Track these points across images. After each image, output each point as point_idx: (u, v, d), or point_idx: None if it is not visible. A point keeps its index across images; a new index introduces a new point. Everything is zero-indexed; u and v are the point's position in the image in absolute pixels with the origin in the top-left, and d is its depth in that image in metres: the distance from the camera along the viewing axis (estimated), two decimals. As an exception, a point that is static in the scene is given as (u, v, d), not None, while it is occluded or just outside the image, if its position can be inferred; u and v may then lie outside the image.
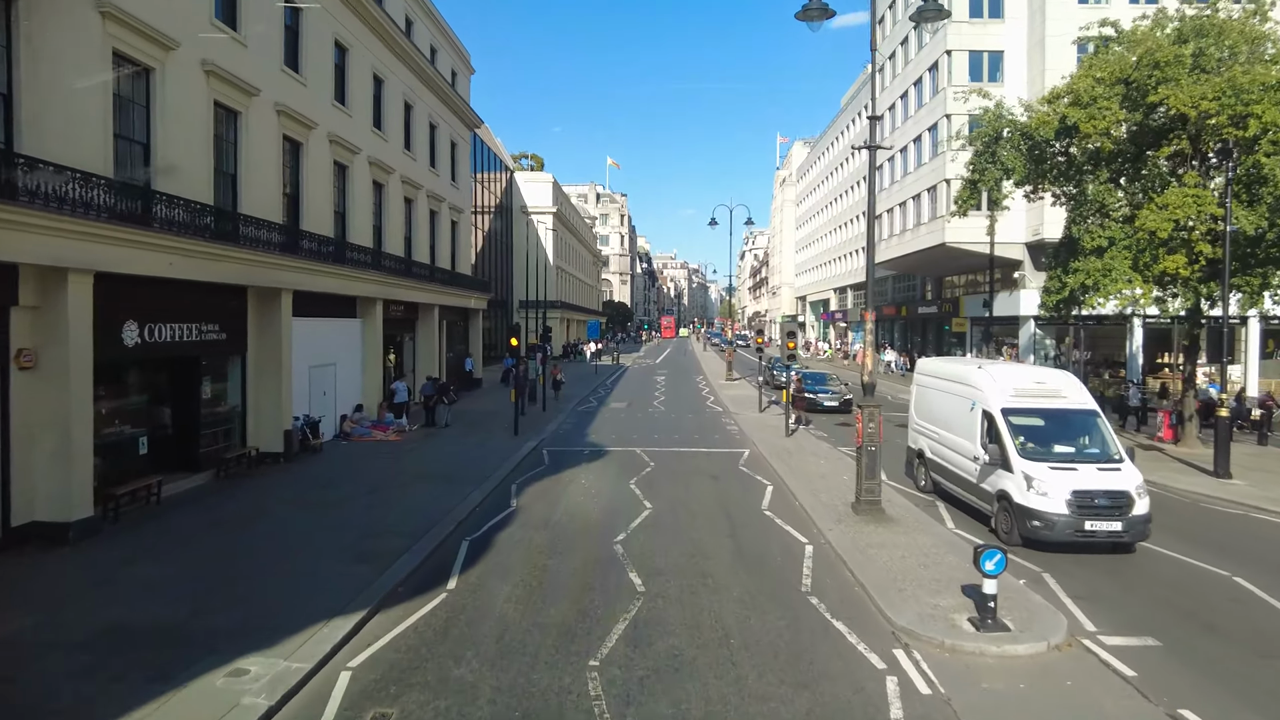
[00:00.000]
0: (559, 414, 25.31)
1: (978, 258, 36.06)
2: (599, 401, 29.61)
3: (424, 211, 26.71)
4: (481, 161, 47.93)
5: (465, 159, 32.45)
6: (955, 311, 42.03)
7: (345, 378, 20.34)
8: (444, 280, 28.18)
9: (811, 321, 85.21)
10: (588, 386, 35.22)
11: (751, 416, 25.05)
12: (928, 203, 37.73)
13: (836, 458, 17.76)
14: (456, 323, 31.20)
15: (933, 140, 37.31)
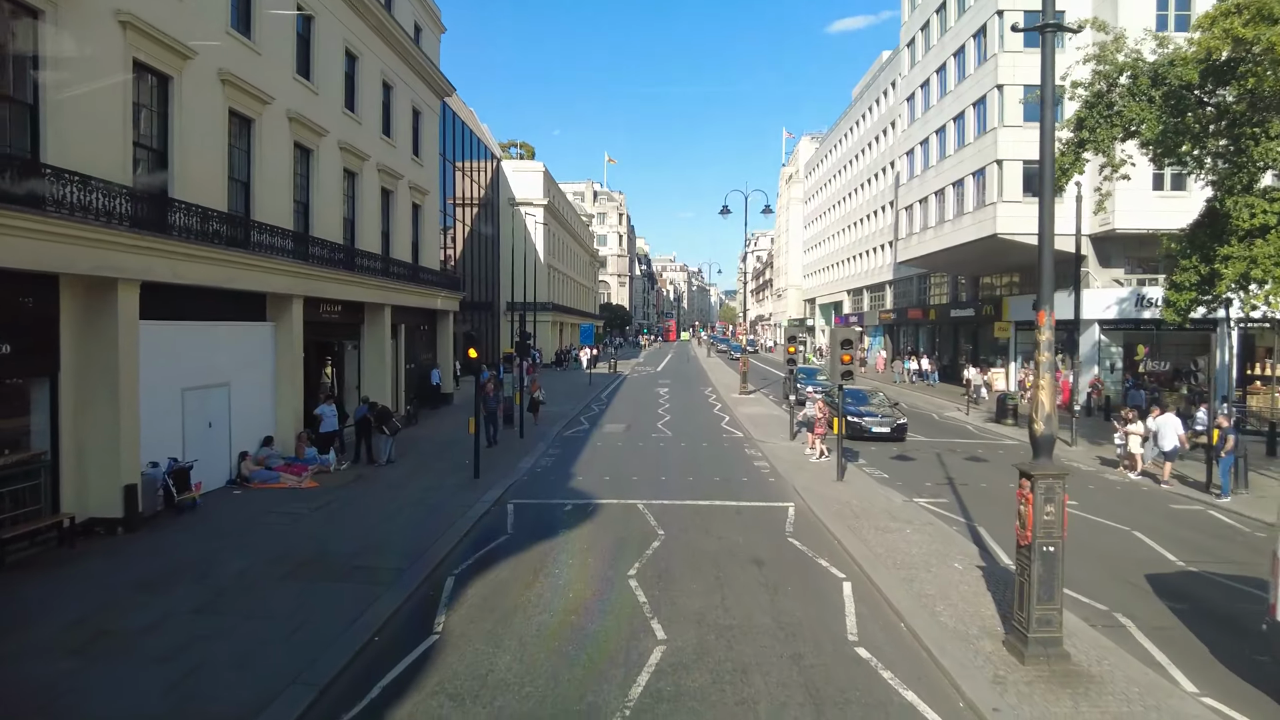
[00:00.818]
0: (539, 442, 20.12)
1: (1034, 252, 30.96)
2: (591, 423, 24.40)
3: (372, 189, 21.54)
4: (464, 147, 42.81)
5: (432, 132, 27.30)
6: (997, 314, 36.93)
7: (246, 402, 15.14)
8: (402, 275, 23.01)
9: (821, 325, 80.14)
10: (579, 402, 30.02)
11: (781, 446, 19.88)
12: (973, 189, 32.65)
13: (925, 521, 12.52)
14: (421, 327, 26.03)
15: (979, 117, 32.25)
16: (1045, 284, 7.58)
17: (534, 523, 12.46)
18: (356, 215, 20.67)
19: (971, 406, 29.31)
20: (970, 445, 21.21)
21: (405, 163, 24.05)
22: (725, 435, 22.08)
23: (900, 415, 21.60)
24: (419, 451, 18.56)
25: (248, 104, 15.06)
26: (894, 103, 52.78)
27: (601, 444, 20.34)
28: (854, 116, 65.77)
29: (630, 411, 27.71)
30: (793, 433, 20.85)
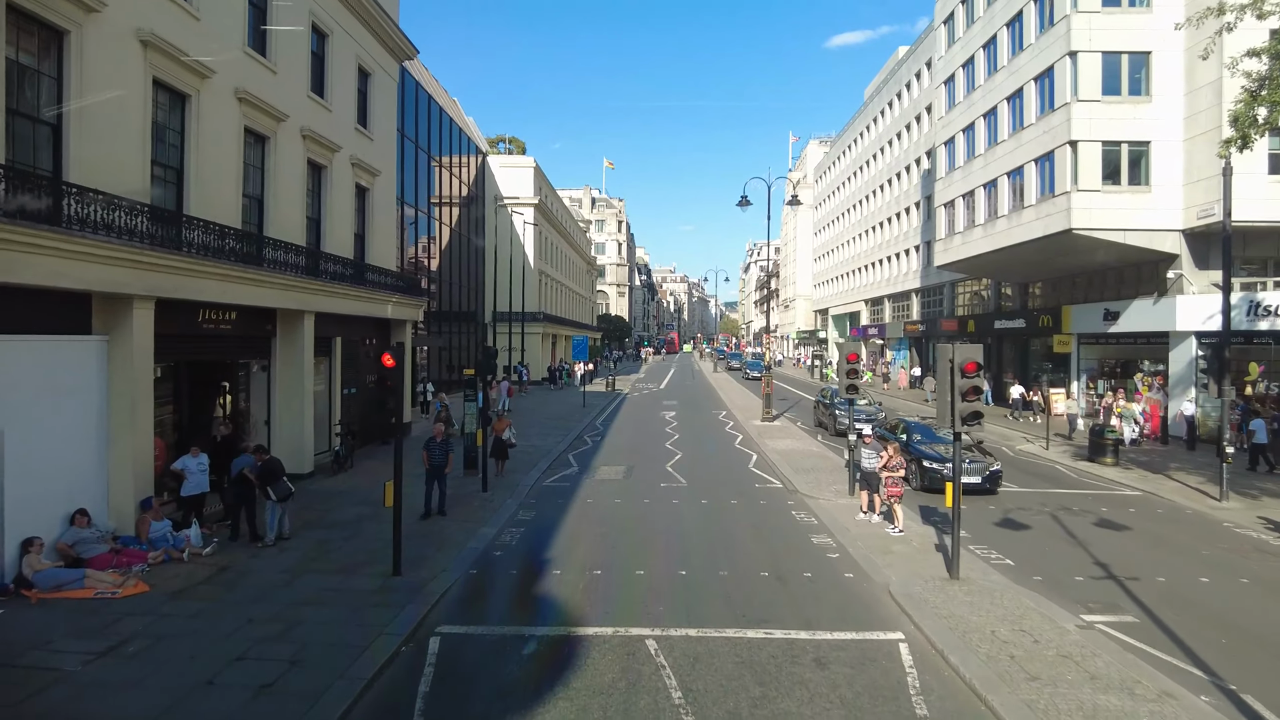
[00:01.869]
0: (507, 499, 14.79)
1: (1114, 250, 25.90)
2: (581, 464, 19.07)
3: (292, 160, 16.36)
4: (446, 140, 37.76)
5: (388, 103, 22.14)
6: (1055, 326, 31.74)
7: (45, 456, 9.84)
8: (338, 274, 17.79)
9: (835, 338, 74.97)
10: (569, 431, 24.69)
11: (841, 506, 14.55)
12: (1036, 179, 27.52)
13: (1153, 689, 7.14)
14: (367, 342, 20.74)
15: (1042, 93, 27.17)
16: None
17: (468, 687, 7.14)
18: (267, 193, 15.46)
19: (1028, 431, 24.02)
20: (1081, 499, 15.92)
21: (346, 132, 18.87)
22: (758, 485, 16.72)
23: (992, 459, 16.28)
24: (333, 519, 13.22)
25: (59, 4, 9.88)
26: (919, 94, 47.92)
27: (593, 501, 14.99)
28: (869, 116, 61.04)
29: (631, 445, 22.37)
30: (852, 484, 15.53)
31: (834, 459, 19.69)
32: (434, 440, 13.36)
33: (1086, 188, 24.73)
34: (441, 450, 13.26)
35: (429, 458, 13.26)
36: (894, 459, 12.80)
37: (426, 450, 13.28)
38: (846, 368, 14.74)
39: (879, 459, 13.52)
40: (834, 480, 16.91)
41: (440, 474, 13.30)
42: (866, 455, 13.57)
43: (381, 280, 20.46)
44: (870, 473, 13.53)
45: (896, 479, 12.68)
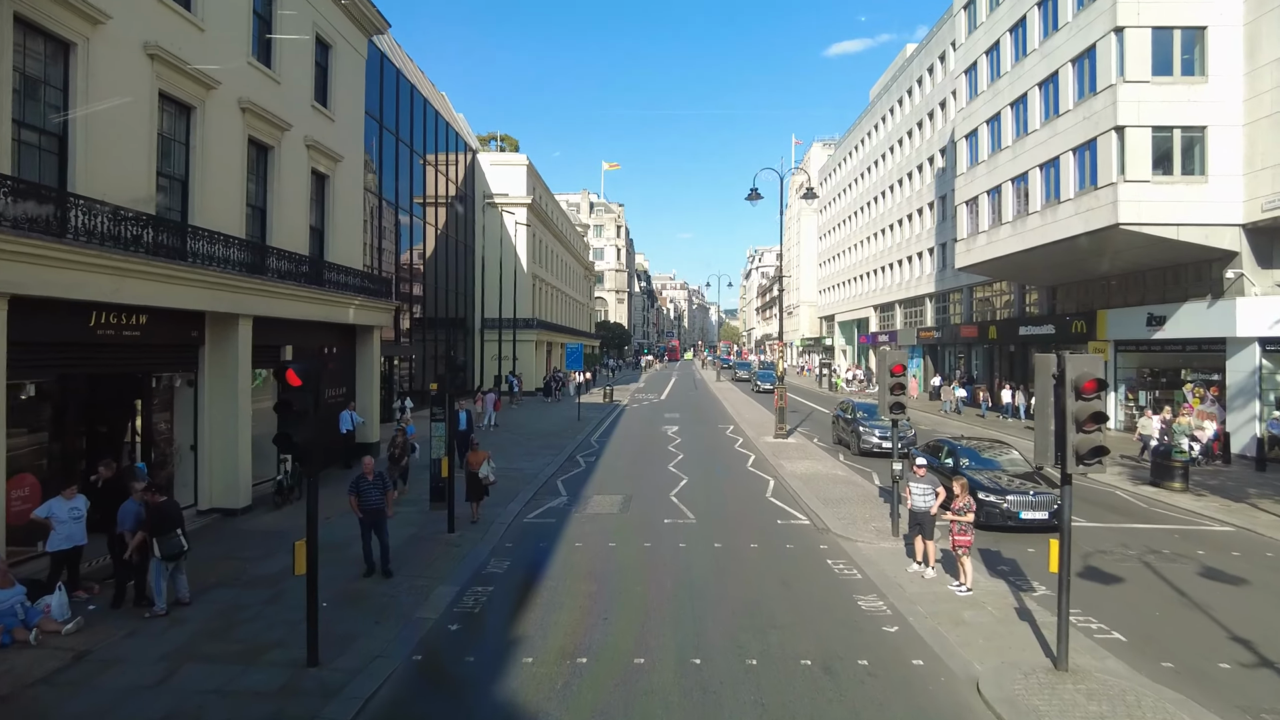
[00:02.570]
0: (476, 545, 12.10)
1: (1163, 248, 23.34)
2: (571, 493, 16.43)
3: (227, 135, 13.81)
4: (431, 134, 35.30)
5: (354, 81, 19.63)
6: (1089, 332, 29.19)
7: None
8: (286, 272, 15.21)
9: (841, 345, 72.44)
10: (560, 450, 22.05)
11: (887, 553, 11.93)
12: (1074, 170, 25.00)
13: None
14: (326, 350, 18.15)
15: (1080, 76, 24.69)
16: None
17: None
18: (193, 173, 12.90)
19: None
20: (1166, 537, 13.29)
21: (299, 109, 16.33)
22: (780, 520, 14.06)
23: (1057, 496, 13.64)
24: (255, 572, 10.59)
25: None
26: (932, 89, 45.55)
27: (583, 544, 12.32)
28: (876, 115, 58.75)
29: (629, 467, 19.74)
30: (897, 522, 12.88)
31: (864, 485, 17.06)
32: (363, 479, 10.63)
33: (1135, 178, 22.20)
34: (377, 490, 10.57)
35: (359, 502, 10.53)
36: (961, 499, 10.17)
37: (356, 492, 10.57)
38: (890, 381, 12.11)
39: (935, 497, 10.90)
40: (869, 514, 14.28)
41: (379, 521, 10.57)
42: (919, 492, 10.94)
43: (345, 280, 17.88)
44: (924, 514, 10.90)
45: (965, 525, 10.04)
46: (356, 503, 10.49)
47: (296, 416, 7.45)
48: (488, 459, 13.52)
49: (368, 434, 19.50)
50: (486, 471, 13.35)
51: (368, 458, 11.08)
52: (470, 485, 13.37)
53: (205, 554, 11.40)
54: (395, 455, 15.16)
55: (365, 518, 10.47)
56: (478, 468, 13.34)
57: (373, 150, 27.66)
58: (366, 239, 26.70)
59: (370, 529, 10.45)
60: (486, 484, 13.37)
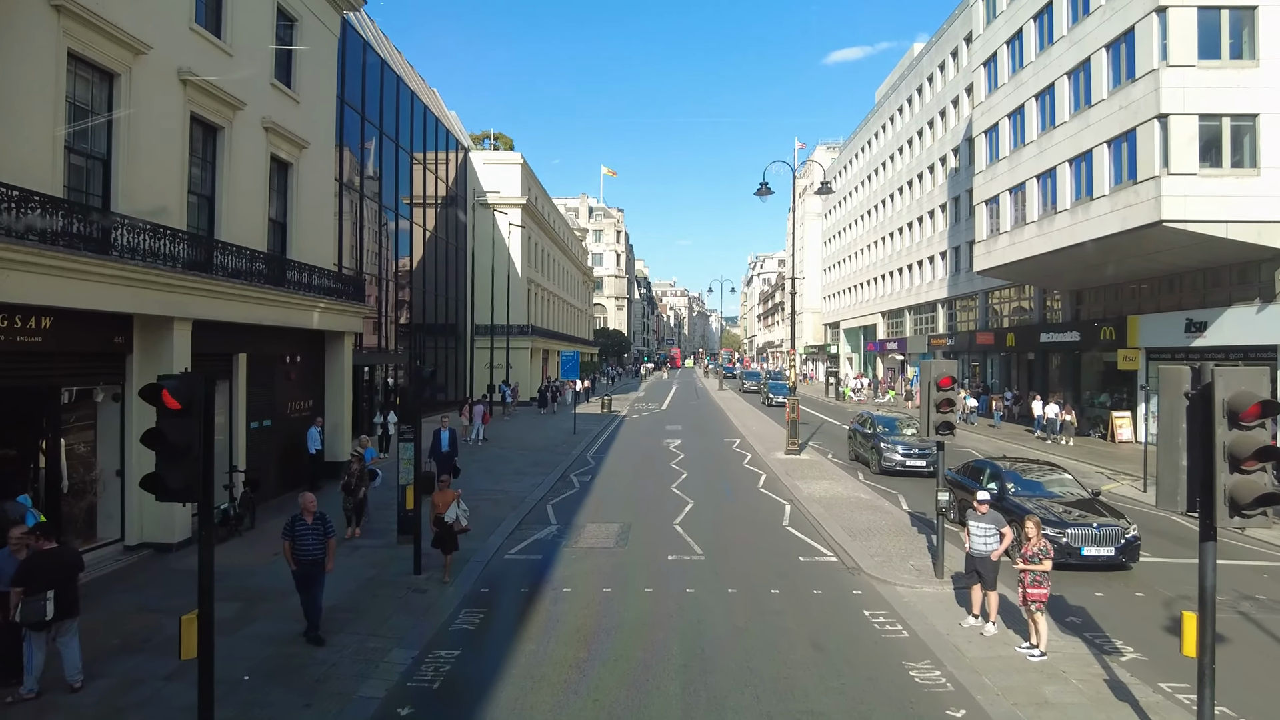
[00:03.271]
0: (444, 592, 10.12)
1: (1208, 247, 21.47)
2: (561, 523, 14.47)
3: (163, 111, 11.98)
4: (420, 130, 33.52)
5: (323, 61, 17.80)
6: (1119, 339, 27.32)
7: None
8: (238, 270, 13.33)
9: (847, 353, 70.56)
10: (552, 469, 20.13)
11: (937, 603, 9.99)
12: (1109, 164, 23.18)
13: None
14: (288, 359, 16.25)
15: (1116, 62, 22.90)
16: None
17: None
18: (117, 152, 11.02)
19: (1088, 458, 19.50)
20: (1254, 578, 11.39)
21: (255, 87, 14.49)
22: (802, 557, 12.09)
23: (1124, 521, 11.69)
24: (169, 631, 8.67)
25: None
26: (944, 87, 43.84)
27: (571, 590, 10.36)
28: (882, 117, 57.12)
29: (628, 489, 17.81)
30: (939, 560, 10.94)
31: (892, 512, 15.13)
32: (300, 521, 8.56)
33: (1180, 171, 20.37)
34: (315, 536, 8.54)
35: (293, 551, 8.46)
36: (1035, 542, 8.24)
37: (290, 537, 8.50)
38: (937, 396, 10.19)
39: (1000, 539, 8.98)
40: (904, 548, 12.35)
41: (313, 576, 8.50)
42: (980, 533, 9.02)
43: (311, 281, 16.00)
44: (984, 559, 8.98)
45: (1042, 576, 8.12)
46: (290, 550, 8.49)
47: (175, 453, 5.53)
48: (458, 500, 10.58)
49: (337, 452, 17.58)
50: (456, 515, 10.46)
51: (307, 494, 9.06)
52: (438, 533, 10.57)
53: (120, 604, 9.52)
54: (350, 485, 12.90)
55: (299, 570, 8.46)
56: (444, 510, 10.45)
57: (353, 143, 25.83)
58: (350, 239, 24.88)
59: (304, 584, 8.46)
60: (458, 531, 10.59)
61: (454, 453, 16.06)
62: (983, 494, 9.29)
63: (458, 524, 10.47)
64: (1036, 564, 8.13)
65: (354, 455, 13.85)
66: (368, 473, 13.59)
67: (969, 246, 40.97)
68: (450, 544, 10.43)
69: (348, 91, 25.09)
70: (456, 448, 16.27)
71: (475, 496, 15.79)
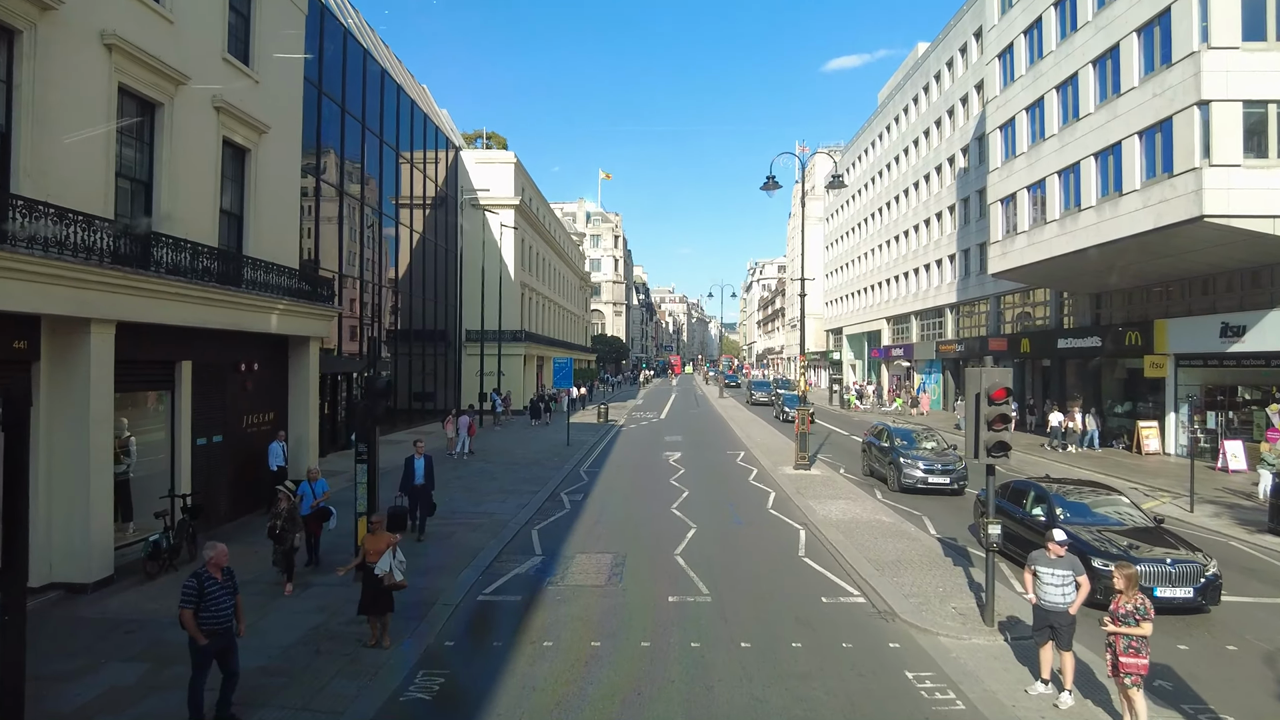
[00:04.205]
0: (401, 645, 8.38)
1: (1251, 245, 19.89)
2: (548, 553, 12.75)
3: (85, 80, 10.37)
4: (407, 127, 32.00)
5: (289, 37, 16.16)
6: (1145, 344, 25.75)
7: None
8: (179, 266, 11.68)
9: (850, 359, 68.95)
10: (542, 487, 18.43)
11: (989, 659, 8.28)
12: (1141, 156, 21.63)
13: None
14: (245, 368, 14.57)
15: (1148, 48, 21.38)
16: None
17: None
18: (18, 123, 9.39)
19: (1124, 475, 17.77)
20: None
21: (203, 61, 12.88)
22: (825, 598, 10.37)
23: (1200, 554, 10.01)
24: (45, 708, 6.97)
25: None
26: (952, 84, 42.39)
27: (553, 644, 8.64)
28: (886, 118, 55.77)
29: (623, 511, 16.12)
30: (984, 605, 9.26)
31: (919, 538, 13.45)
32: (209, 580, 6.64)
33: (1223, 162, 18.82)
34: (227, 597, 6.69)
35: (196, 617, 6.46)
36: (1129, 596, 6.58)
37: (193, 602, 6.47)
38: (991, 411, 8.52)
39: (1076, 588, 7.33)
40: (941, 584, 10.67)
41: (227, 645, 6.69)
42: (1055, 581, 7.36)
43: (271, 280, 14.35)
44: (1060, 614, 7.32)
45: (1139, 641, 6.45)
46: (193, 620, 6.45)
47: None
48: (393, 547, 8.38)
49: (302, 468, 15.85)
50: (390, 566, 8.20)
51: (218, 546, 6.82)
52: (367, 590, 8.31)
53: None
54: (278, 531, 10.12)
55: (211, 644, 6.51)
56: (376, 559, 8.27)
57: (331, 136, 24.27)
58: (329, 238, 23.26)
59: (210, 658, 6.58)
60: (393, 587, 8.30)
61: (430, 485, 13.43)
62: (1059, 533, 7.62)
63: (389, 578, 8.20)
64: (1132, 626, 6.47)
65: (282, 493, 10.56)
66: (322, 510, 11.46)
67: (979, 249, 39.46)
68: (383, 604, 8.31)
69: (327, 82, 23.53)
70: (433, 479, 13.57)
71: (451, 521, 14.13)
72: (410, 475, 13.28)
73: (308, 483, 11.47)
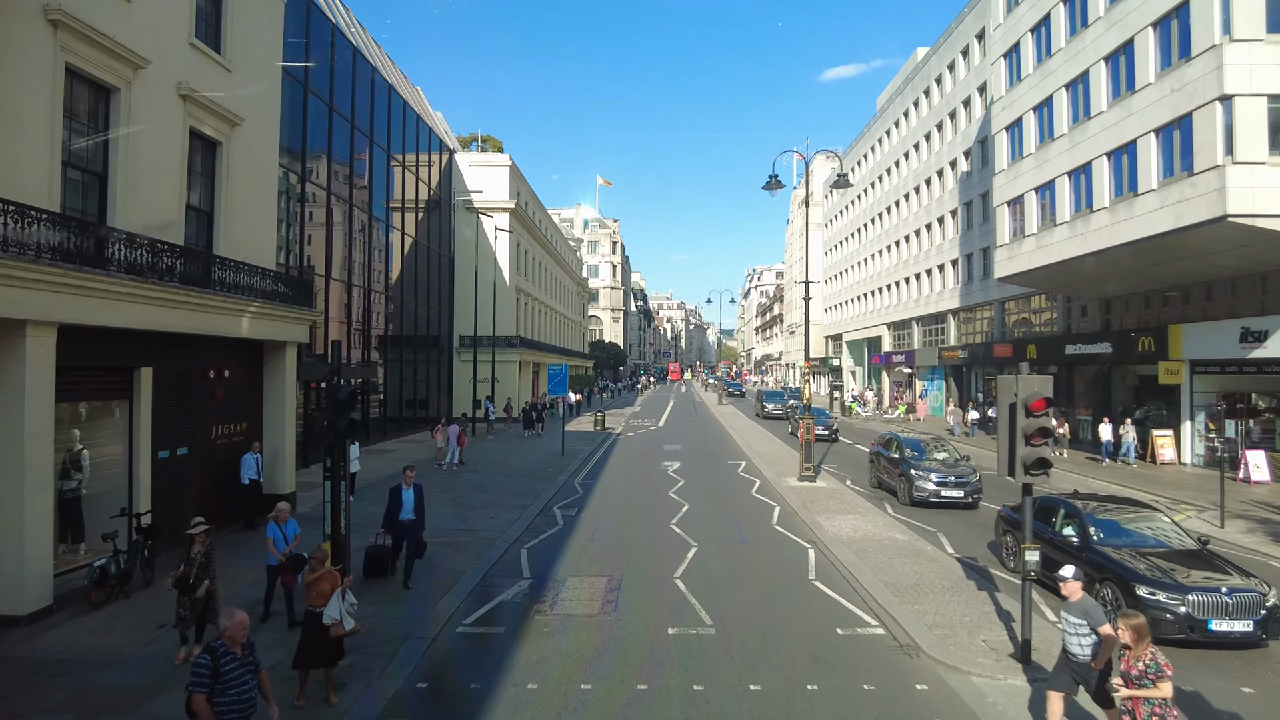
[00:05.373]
0: (359, 703, 7.38)
1: (1272, 248, 19.07)
2: (537, 577, 11.73)
3: (27, 59, 9.44)
4: (400, 129, 31.16)
5: (266, 26, 15.27)
6: (1159, 350, 24.89)
7: None
8: (138, 265, 10.74)
9: (850, 366, 68.08)
10: (534, 500, 17.44)
11: (1028, 705, 7.35)
12: (1158, 155, 20.81)
13: None
14: (214, 374, 13.60)
15: (1165, 40, 20.59)
16: None
17: None
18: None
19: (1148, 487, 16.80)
20: None
21: (166, 44, 11.97)
22: (844, 633, 9.39)
23: (1256, 582, 9.07)
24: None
25: None
26: (953, 88, 41.66)
27: (539, 689, 7.57)
28: (886, 123, 55.08)
29: (619, 528, 15.14)
30: (1019, 640, 8.30)
31: (937, 558, 12.49)
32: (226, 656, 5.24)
33: (1247, 159, 17.99)
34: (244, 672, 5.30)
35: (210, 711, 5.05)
36: (1140, 652, 5.48)
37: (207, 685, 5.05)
38: (1029, 424, 7.57)
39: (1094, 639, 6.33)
40: (965, 611, 9.71)
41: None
42: (1066, 628, 6.42)
43: (244, 281, 13.40)
44: (1081, 667, 6.36)
45: (1162, 707, 5.41)
46: (208, 708, 5.06)
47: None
48: (341, 590, 7.09)
49: (279, 482, 14.92)
50: (339, 614, 6.95)
51: (237, 615, 5.42)
52: (308, 640, 7.04)
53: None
54: (184, 579, 8.03)
55: None
56: (323, 605, 7.03)
57: (318, 134, 23.37)
58: (316, 240, 22.34)
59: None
60: (336, 634, 7.00)
61: (421, 523, 11.17)
62: (1068, 569, 6.60)
63: (338, 628, 6.94)
64: (1149, 688, 5.46)
65: (194, 534, 8.27)
66: (297, 559, 8.92)
67: (983, 253, 38.66)
68: (331, 654, 7.09)
69: (314, 79, 22.67)
70: (423, 515, 11.26)
71: (434, 539, 13.14)
72: (396, 508, 11.14)
73: (275, 525, 9.32)
